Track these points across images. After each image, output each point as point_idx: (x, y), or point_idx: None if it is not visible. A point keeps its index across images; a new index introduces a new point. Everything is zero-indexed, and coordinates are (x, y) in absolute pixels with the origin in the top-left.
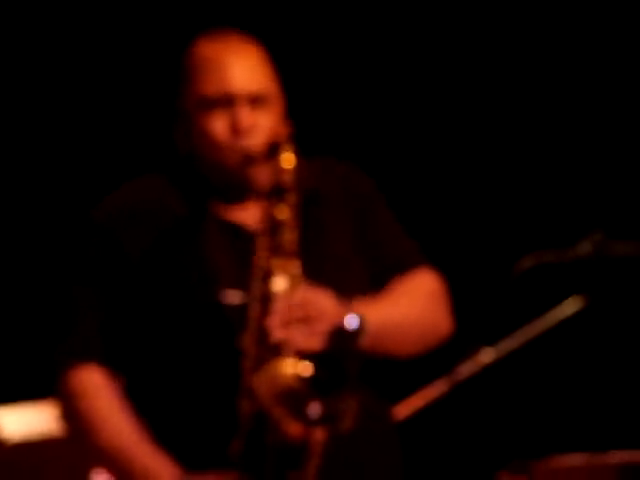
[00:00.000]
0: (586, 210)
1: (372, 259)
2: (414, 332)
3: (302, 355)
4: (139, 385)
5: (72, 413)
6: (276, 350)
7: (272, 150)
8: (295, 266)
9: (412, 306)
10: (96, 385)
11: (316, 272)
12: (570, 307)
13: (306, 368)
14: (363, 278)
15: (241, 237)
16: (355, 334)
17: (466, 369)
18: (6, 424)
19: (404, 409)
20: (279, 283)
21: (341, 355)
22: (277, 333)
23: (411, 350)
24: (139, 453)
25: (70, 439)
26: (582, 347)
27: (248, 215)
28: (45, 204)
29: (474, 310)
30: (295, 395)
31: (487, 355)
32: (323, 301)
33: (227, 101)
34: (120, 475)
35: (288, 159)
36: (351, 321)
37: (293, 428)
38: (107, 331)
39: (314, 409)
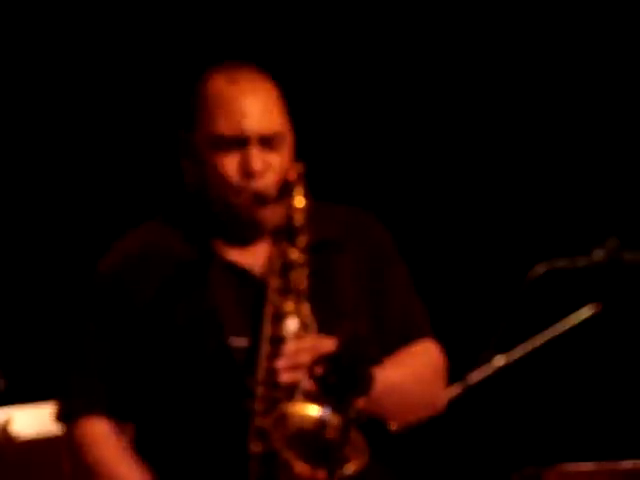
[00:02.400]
0: (601, 218)
1: (380, 318)
2: (413, 399)
3: (311, 398)
4: (148, 432)
5: (81, 463)
6: (286, 392)
7: (283, 190)
8: (305, 307)
9: (416, 374)
10: (102, 436)
11: (323, 318)
12: (584, 314)
13: (315, 411)
14: (370, 333)
15: (248, 281)
16: (366, 343)
17: (479, 375)
18: (17, 422)
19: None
20: (289, 325)
21: (352, 359)
22: (287, 376)
23: (406, 418)
24: None
25: None
26: (595, 354)
27: (255, 258)
28: (51, 250)
29: (487, 317)
30: (305, 438)
31: (500, 362)
32: (334, 347)
33: (240, 141)
34: None
35: (300, 199)
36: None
37: (303, 471)
38: (114, 380)
39: (322, 418)
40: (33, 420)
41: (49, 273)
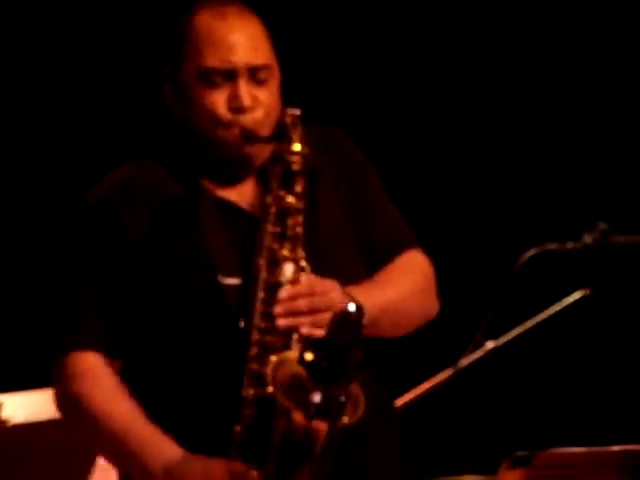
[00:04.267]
0: (590, 201)
1: (364, 237)
2: (408, 315)
3: (307, 344)
4: (138, 369)
5: (67, 396)
6: (282, 338)
7: (278, 131)
8: (300, 253)
9: (406, 289)
10: (92, 368)
11: (310, 252)
12: (573, 298)
13: (312, 357)
14: (355, 255)
15: (239, 218)
16: (358, 323)
17: (469, 360)
18: (7, 407)
19: (407, 398)
20: (285, 270)
21: (344, 344)
22: (284, 321)
23: (403, 331)
24: (138, 436)
25: (66, 422)
26: (585, 338)
27: (243, 195)
28: (39, 186)
29: (478, 301)
30: (302, 385)
31: (490, 347)
32: (329, 291)
33: (228, 75)
34: (121, 460)
35: (297, 143)
36: (353, 310)
37: (298, 418)
38: (106, 314)
39: (317, 399)
40: (23, 406)
41: (36, 257)
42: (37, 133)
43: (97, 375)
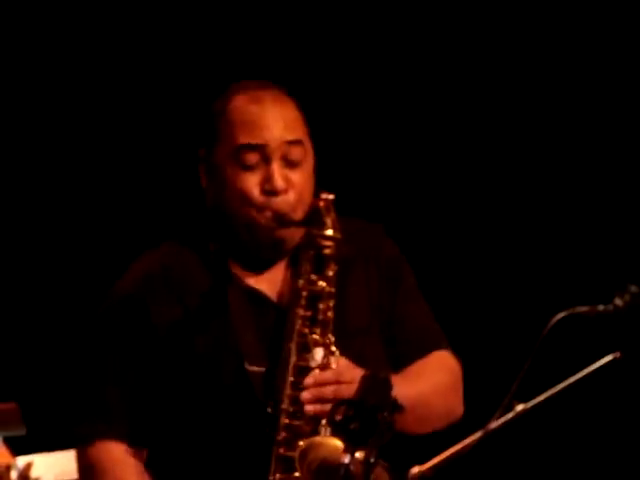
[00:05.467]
0: (621, 265)
1: (395, 333)
2: (433, 411)
3: (338, 404)
4: (165, 458)
5: None
6: (311, 423)
7: (311, 216)
8: (330, 337)
9: (435, 386)
10: (117, 460)
11: (340, 345)
12: (604, 361)
13: (341, 418)
14: (380, 350)
15: (267, 308)
16: (388, 385)
17: (498, 423)
18: (36, 467)
19: (436, 461)
20: (315, 355)
21: (374, 405)
22: (311, 407)
23: (426, 429)
24: None
25: None
26: (616, 402)
27: (273, 282)
28: (68, 271)
29: (508, 364)
30: (330, 470)
31: (520, 409)
32: (357, 380)
33: (262, 153)
34: None
35: (330, 229)
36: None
37: None
38: (132, 404)
39: (346, 460)
40: (52, 466)
41: (72, 316)
42: (66, 199)
43: (122, 465)
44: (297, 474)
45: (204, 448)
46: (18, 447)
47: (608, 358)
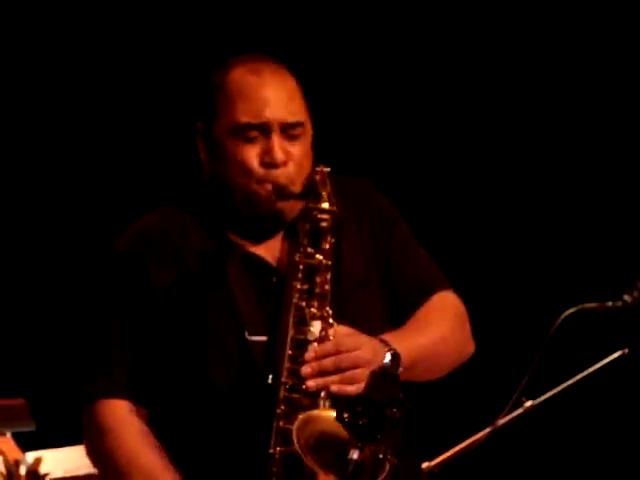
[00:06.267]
0: (630, 261)
1: (395, 281)
2: (443, 357)
3: (338, 402)
4: (164, 419)
5: (97, 448)
6: (310, 396)
7: (308, 188)
8: (328, 310)
9: (441, 331)
10: (120, 418)
11: (335, 300)
12: (612, 357)
13: (350, 414)
14: (378, 304)
15: (267, 274)
16: (396, 380)
17: (507, 419)
18: (45, 463)
19: (445, 457)
20: (313, 328)
21: (383, 401)
22: (313, 382)
23: (439, 374)
24: None
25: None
26: (623, 398)
27: (272, 251)
28: (66, 230)
29: (517, 360)
30: (328, 444)
31: (528, 406)
32: (356, 348)
33: (262, 129)
34: None
35: (326, 202)
36: (389, 363)
37: (326, 478)
38: (134, 364)
39: (355, 456)
40: (62, 461)
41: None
42: (72, 178)
43: (127, 423)
44: (296, 447)
45: (204, 415)
46: (27, 443)
47: (616, 354)
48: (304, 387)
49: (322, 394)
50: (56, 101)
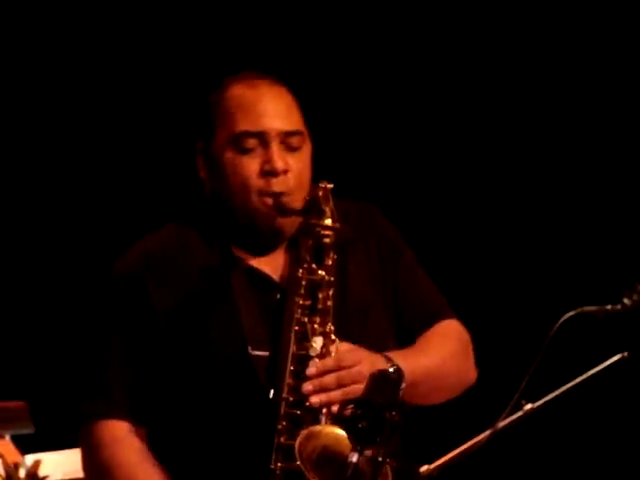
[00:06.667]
0: (630, 265)
1: (400, 311)
2: (446, 381)
3: (338, 418)
4: (165, 438)
5: (94, 465)
6: (311, 412)
7: (309, 205)
8: (330, 326)
9: (443, 355)
10: (119, 437)
11: (340, 322)
12: (611, 361)
13: (349, 417)
14: (384, 328)
15: (269, 288)
16: (396, 384)
17: (507, 422)
18: (45, 465)
19: (445, 459)
20: (314, 344)
21: (382, 404)
22: (315, 399)
23: (441, 398)
24: None
25: None
26: (623, 401)
27: (274, 265)
28: (69, 251)
29: (516, 364)
30: (330, 459)
31: (528, 409)
32: (357, 364)
33: (260, 138)
34: None
35: (330, 218)
36: (392, 371)
37: None
38: (134, 383)
39: (354, 459)
40: (60, 464)
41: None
42: (68, 188)
43: (125, 443)
44: (298, 463)
45: (205, 432)
46: (27, 445)
47: (616, 358)
48: (307, 404)
49: (324, 410)
50: (61, 120)
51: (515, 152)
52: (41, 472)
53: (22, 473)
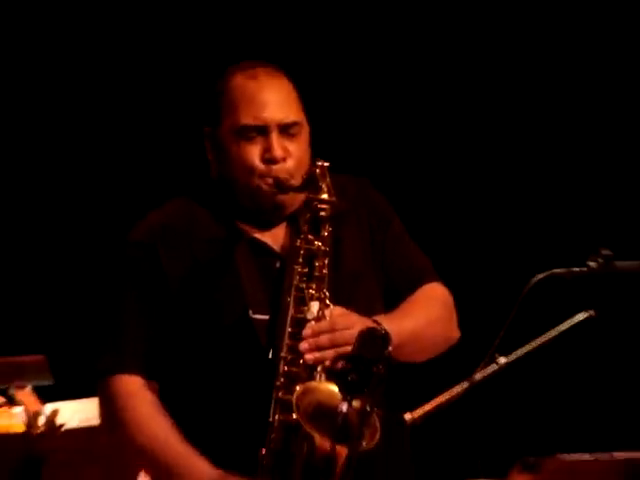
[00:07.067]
0: (596, 230)
1: (388, 275)
2: (431, 340)
3: (330, 372)
4: (174, 392)
5: (110, 416)
6: (307, 370)
7: (308, 181)
8: (325, 292)
9: (429, 317)
10: (132, 391)
11: (334, 288)
12: (578, 318)
13: (340, 371)
14: (374, 292)
15: (270, 257)
16: (382, 340)
17: (483, 374)
18: (62, 414)
19: (426, 409)
20: (311, 308)
21: (370, 359)
22: (310, 356)
23: (426, 356)
24: (175, 454)
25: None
26: (589, 355)
27: (275, 238)
28: (86, 224)
29: (491, 322)
30: (324, 412)
31: (502, 362)
32: (350, 327)
33: (262, 130)
34: (159, 473)
35: (326, 193)
36: (379, 329)
37: (322, 443)
38: (146, 341)
39: (344, 408)
40: (77, 412)
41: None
42: (83, 166)
43: (139, 397)
44: (295, 415)
45: (209, 386)
46: (46, 395)
47: (582, 316)
48: (302, 361)
49: (318, 368)
50: (83, 112)
51: (490, 120)
52: (59, 420)
53: (42, 420)
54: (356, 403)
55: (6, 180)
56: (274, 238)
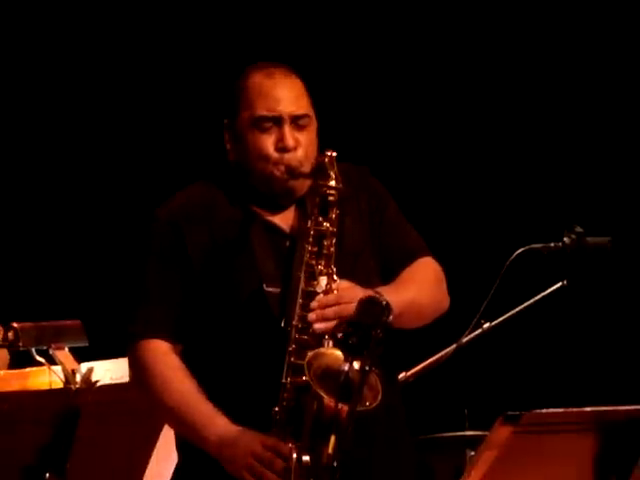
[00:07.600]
0: (569, 209)
1: (385, 251)
2: (425, 309)
3: (340, 325)
4: (196, 356)
5: (139, 377)
6: (316, 337)
7: (317, 169)
8: (333, 268)
9: (423, 288)
10: (161, 353)
11: (337, 265)
12: (553, 287)
13: (343, 335)
14: (372, 268)
15: (281, 237)
16: (380, 307)
17: (469, 338)
18: (96, 372)
19: (417, 369)
20: (320, 282)
21: (369, 324)
22: (319, 325)
23: (422, 323)
24: (198, 412)
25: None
26: (563, 320)
27: (286, 220)
28: (122, 199)
29: (477, 291)
30: (332, 375)
31: (487, 327)
32: (355, 299)
33: (276, 121)
34: (183, 429)
35: (334, 180)
36: (377, 298)
37: (328, 401)
38: (172, 309)
39: (345, 368)
40: (108, 370)
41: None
42: (115, 151)
43: (165, 360)
44: (305, 378)
45: (228, 352)
46: (82, 355)
47: (557, 285)
48: (312, 330)
49: (326, 337)
50: (114, 106)
51: (472, 102)
52: (93, 377)
53: (78, 378)
54: (357, 363)
55: (45, 155)
56: (284, 220)
